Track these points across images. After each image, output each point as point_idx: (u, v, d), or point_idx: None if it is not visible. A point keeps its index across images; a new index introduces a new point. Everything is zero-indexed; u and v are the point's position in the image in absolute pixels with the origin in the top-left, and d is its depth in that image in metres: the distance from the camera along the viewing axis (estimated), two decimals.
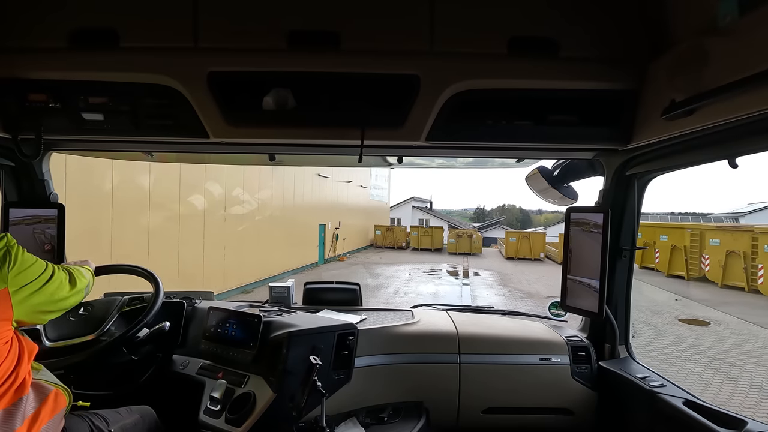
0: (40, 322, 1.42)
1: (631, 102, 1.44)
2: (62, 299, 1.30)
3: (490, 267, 20.33)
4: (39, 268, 1.23)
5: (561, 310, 2.21)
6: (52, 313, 1.30)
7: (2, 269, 1.12)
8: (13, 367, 1.17)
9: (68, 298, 1.33)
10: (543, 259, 23.78)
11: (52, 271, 1.27)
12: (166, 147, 1.78)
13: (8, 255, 1.15)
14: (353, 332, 1.86)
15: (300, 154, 2.03)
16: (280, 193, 13.94)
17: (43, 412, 1.18)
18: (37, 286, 1.20)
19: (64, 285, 1.31)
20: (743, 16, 1.02)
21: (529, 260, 23.24)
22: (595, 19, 1.41)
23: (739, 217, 36.08)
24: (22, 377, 1.18)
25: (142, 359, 1.78)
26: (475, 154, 1.90)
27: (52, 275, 1.26)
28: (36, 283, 1.20)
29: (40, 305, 1.23)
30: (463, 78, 1.42)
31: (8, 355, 1.15)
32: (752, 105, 0.99)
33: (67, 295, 1.32)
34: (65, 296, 1.31)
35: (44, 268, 1.25)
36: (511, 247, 24.23)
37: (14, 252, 1.16)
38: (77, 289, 1.37)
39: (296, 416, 1.60)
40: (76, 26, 1.40)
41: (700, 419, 1.42)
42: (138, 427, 1.52)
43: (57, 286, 1.27)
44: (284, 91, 1.44)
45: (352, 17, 1.41)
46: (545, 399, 1.97)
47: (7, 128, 1.50)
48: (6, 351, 1.15)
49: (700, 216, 39.85)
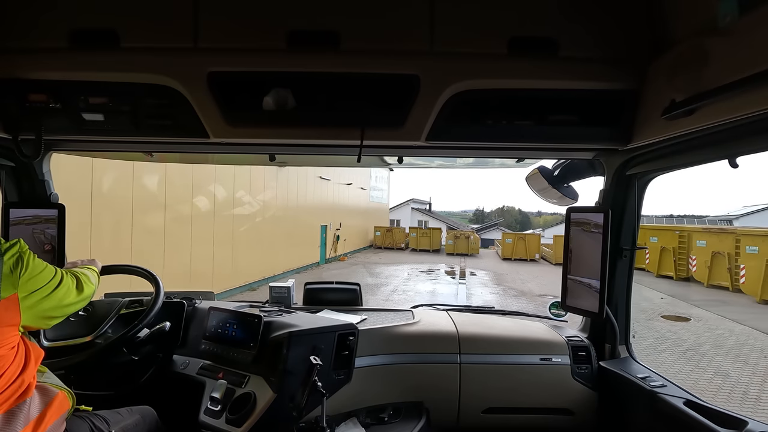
0: (45, 327, 1.42)
1: (632, 102, 1.44)
2: (68, 305, 1.31)
3: (486, 267, 20.74)
4: (49, 274, 1.23)
5: (561, 310, 2.21)
6: (57, 318, 1.30)
7: (14, 274, 1.12)
8: (19, 371, 1.17)
9: (74, 303, 1.33)
10: (538, 260, 24.37)
11: (60, 277, 1.27)
12: (166, 147, 1.78)
13: (20, 260, 1.15)
14: (353, 332, 1.86)
15: (300, 154, 2.03)
16: (284, 195, 14.41)
17: (48, 414, 1.18)
18: (46, 292, 1.20)
19: (71, 291, 1.31)
20: (743, 16, 1.02)
21: (524, 261, 23.83)
22: (595, 18, 1.41)
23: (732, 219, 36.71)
24: (27, 382, 1.18)
25: (142, 359, 1.78)
26: (475, 154, 1.90)
27: (60, 281, 1.26)
28: (45, 289, 1.20)
29: (47, 311, 1.23)
30: (463, 78, 1.42)
31: (14, 360, 1.15)
32: (752, 105, 0.99)
33: (73, 301, 1.32)
34: (72, 302, 1.32)
35: (54, 274, 1.25)
36: (507, 248, 24.83)
37: (26, 258, 1.17)
38: (83, 296, 1.37)
39: (296, 416, 1.60)
40: (76, 26, 1.40)
41: (701, 419, 1.42)
42: (139, 427, 1.52)
43: (65, 292, 1.28)
44: (284, 91, 1.44)
45: (351, 17, 1.41)
46: (545, 399, 1.97)
47: (7, 128, 1.50)
48: (12, 356, 1.15)
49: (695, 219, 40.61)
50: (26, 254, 1.18)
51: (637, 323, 9.50)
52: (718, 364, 7.19)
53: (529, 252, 24.25)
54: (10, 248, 1.16)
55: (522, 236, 26.01)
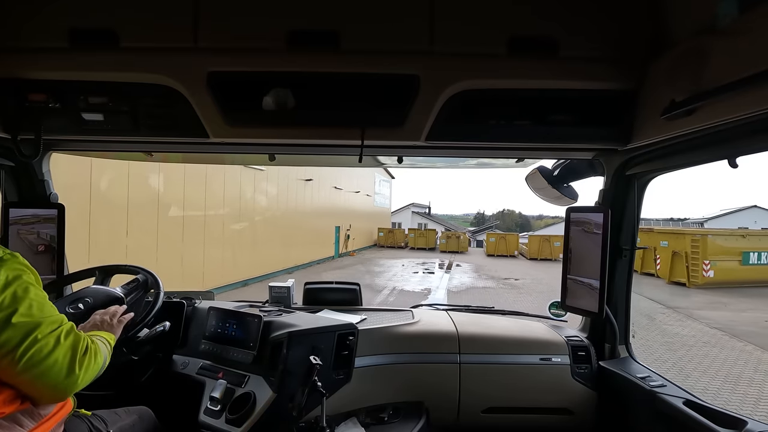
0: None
1: (631, 102, 1.44)
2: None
3: (470, 261, 24.63)
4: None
5: (561, 310, 2.21)
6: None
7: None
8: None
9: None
10: (517, 256, 28.64)
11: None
12: (166, 147, 1.78)
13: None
14: (353, 332, 1.86)
15: (300, 154, 2.03)
16: (308, 202, 18.53)
17: (50, 416, 1.17)
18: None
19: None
20: (743, 16, 1.02)
21: (505, 257, 27.87)
22: (595, 18, 1.41)
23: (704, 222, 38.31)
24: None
25: (142, 359, 1.78)
26: (475, 154, 1.90)
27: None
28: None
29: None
30: (463, 78, 1.42)
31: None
32: (752, 105, 0.99)
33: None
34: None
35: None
36: (491, 246, 29.15)
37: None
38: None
39: (296, 416, 1.60)
40: (76, 26, 1.40)
41: (700, 419, 1.42)
42: (136, 427, 1.52)
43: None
44: (284, 91, 1.44)
45: (351, 17, 1.41)
46: (545, 399, 1.97)
47: (6, 128, 1.50)
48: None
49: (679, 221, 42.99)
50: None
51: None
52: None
53: (509, 249, 28.59)
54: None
55: (503, 236, 30.87)
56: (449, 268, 20.90)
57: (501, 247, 28.41)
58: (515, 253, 28.74)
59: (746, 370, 7.08)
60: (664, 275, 16.38)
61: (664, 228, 20.52)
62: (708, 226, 35.80)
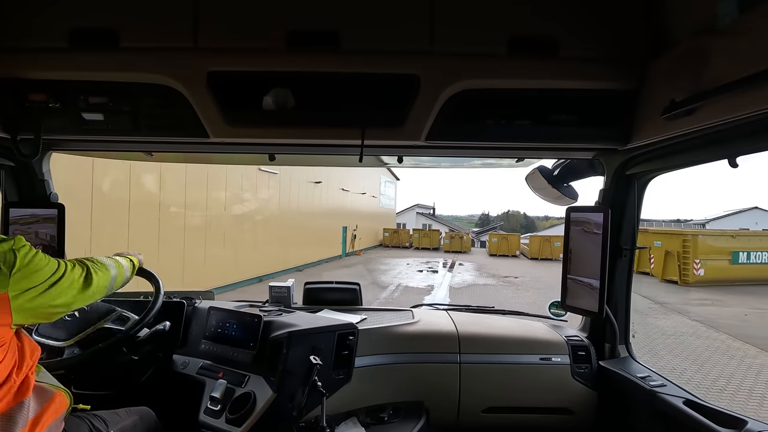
0: (47, 321, 1.35)
1: (631, 102, 1.44)
2: (69, 303, 1.23)
3: (473, 261, 25.18)
4: (49, 270, 1.17)
5: (561, 310, 2.21)
6: (59, 313, 1.24)
7: (2, 272, 1.07)
8: (13, 370, 1.13)
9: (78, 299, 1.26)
10: (518, 256, 29.12)
11: (63, 272, 1.21)
12: (166, 147, 1.77)
13: (14, 258, 1.10)
14: (353, 332, 1.86)
15: (300, 154, 2.03)
16: (317, 204, 19.16)
17: (45, 415, 1.17)
18: (42, 289, 1.14)
19: (74, 286, 1.24)
20: (743, 16, 1.02)
21: (507, 256, 28.36)
22: (595, 18, 1.41)
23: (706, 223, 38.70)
24: (21, 380, 1.15)
25: (142, 359, 1.77)
26: (476, 154, 1.90)
27: (62, 276, 1.20)
28: (41, 286, 1.14)
29: (45, 308, 1.17)
30: (463, 78, 1.42)
31: (5, 359, 1.11)
32: (752, 105, 0.99)
33: (74, 296, 1.24)
34: (72, 299, 1.24)
35: (55, 268, 1.19)
36: (494, 246, 29.65)
37: (21, 254, 1.11)
38: (91, 291, 1.29)
39: (296, 416, 1.60)
40: (76, 26, 1.40)
41: (700, 419, 1.42)
42: (137, 428, 1.52)
43: (66, 287, 1.21)
44: (284, 91, 1.44)
45: (351, 17, 1.41)
46: (545, 399, 1.97)
47: (6, 128, 1.50)
48: (3, 354, 1.11)
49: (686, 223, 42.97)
50: (21, 251, 1.12)
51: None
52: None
53: (511, 249, 29.07)
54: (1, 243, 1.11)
55: (505, 236, 31.46)
56: (452, 266, 21.39)
57: (503, 247, 28.91)
58: (516, 253, 29.20)
59: (715, 355, 7.45)
60: (657, 274, 16.86)
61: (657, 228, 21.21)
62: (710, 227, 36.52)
